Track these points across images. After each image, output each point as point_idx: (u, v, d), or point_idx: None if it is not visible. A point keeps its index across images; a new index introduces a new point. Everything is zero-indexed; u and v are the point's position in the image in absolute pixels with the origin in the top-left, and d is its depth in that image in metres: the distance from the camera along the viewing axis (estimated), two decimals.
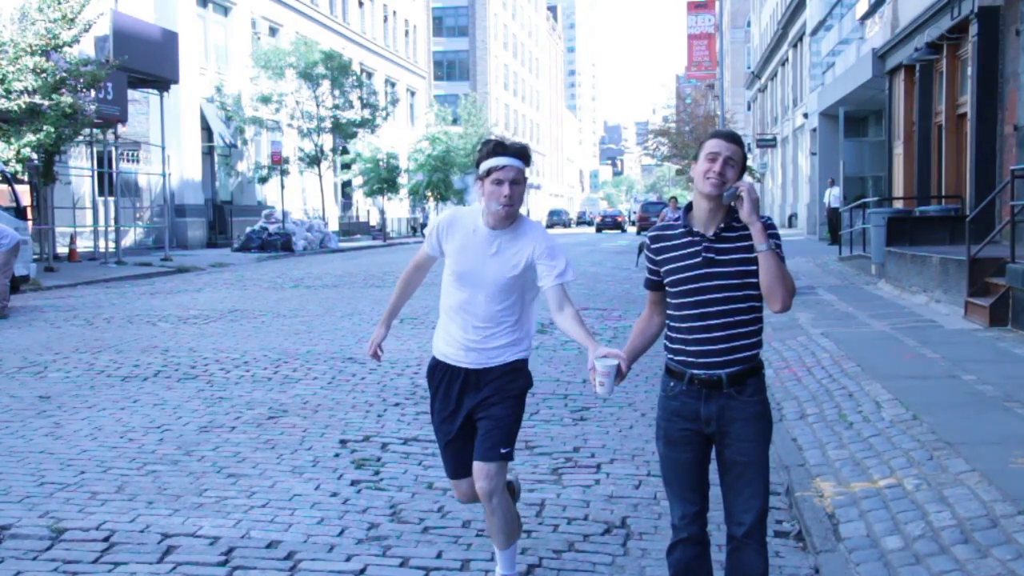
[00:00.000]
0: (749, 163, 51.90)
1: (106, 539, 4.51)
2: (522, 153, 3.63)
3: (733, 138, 3.16)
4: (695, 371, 3.15)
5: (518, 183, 3.59)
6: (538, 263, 3.67)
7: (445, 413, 3.83)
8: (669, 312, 3.24)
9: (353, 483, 5.40)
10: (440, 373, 3.84)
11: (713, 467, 3.28)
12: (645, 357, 3.63)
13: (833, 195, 26.48)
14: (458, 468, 3.88)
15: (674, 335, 3.22)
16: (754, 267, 3.08)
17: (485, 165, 3.60)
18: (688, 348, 3.16)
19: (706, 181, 3.09)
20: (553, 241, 3.73)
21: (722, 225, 3.12)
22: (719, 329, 3.11)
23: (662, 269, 3.22)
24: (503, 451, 3.71)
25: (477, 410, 3.76)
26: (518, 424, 3.79)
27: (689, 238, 3.16)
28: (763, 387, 3.21)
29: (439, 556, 4.30)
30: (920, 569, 3.93)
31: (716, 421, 3.15)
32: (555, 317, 3.71)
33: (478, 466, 3.73)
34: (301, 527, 4.67)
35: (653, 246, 3.27)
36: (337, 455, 5.97)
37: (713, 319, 3.11)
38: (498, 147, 3.61)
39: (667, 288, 3.22)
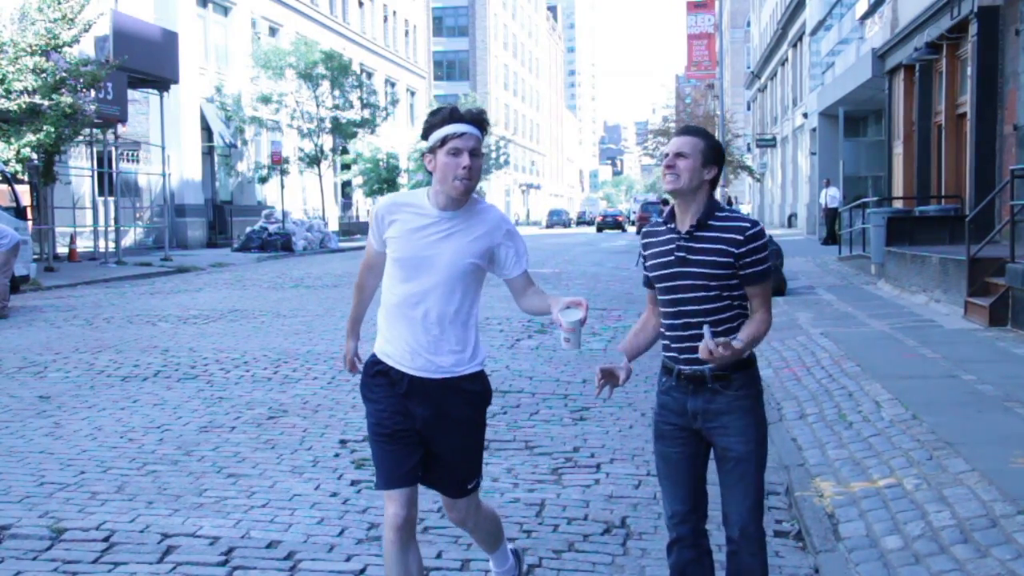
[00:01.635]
0: (748, 163, 52.14)
1: (106, 539, 4.51)
2: (480, 120, 3.18)
3: (686, 131, 3.17)
4: (681, 366, 3.17)
5: (477, 154, 3.13)
6: (500, 249, 3.27)
7: (388, 411, 3.27)
8: (659, 308, 3.25)
9: (353, 483, 5.40)
10: (380, 374, 3.30)
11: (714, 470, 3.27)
12: (645, 356, 3.63)
13: (830, 195, 26.42)
14: (393, 474, 3.25)
15: (663, 331, 3.24)
16: (728, 270, 3.06)
17: (439, 134, 3.13)
18: (673, 344, 3.18)
19: (664, 181, 3.16)
20: (512, 224, 3.37)
21: (694, 223, 3.10)
22: (697, 327, 3.09)
23: (648, 264, 3.25)
24: (470, 486, 3.39)
25: (433, 437, 3.28)
26: (482, 447, 3.44)
27: (669, 235, 3.17)
28: (752, 382, 3.17)
29: (439, 556, 4.30)
30: (920, 569, 3.94)
31: (702, 416, 3.15)
32: (520, 302, 3.37)
33: (447, 501, 3.46)
34: (301, 527, 4.67)
35: (643, 242, 3.30)
36: (337, 455, 5.97)
37: (690, 317, 3.11)
38: (454, 113, 3.15)
39: (655, 284, 3.23)
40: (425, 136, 3.19)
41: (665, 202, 27.12)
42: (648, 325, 3.39)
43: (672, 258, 3.13)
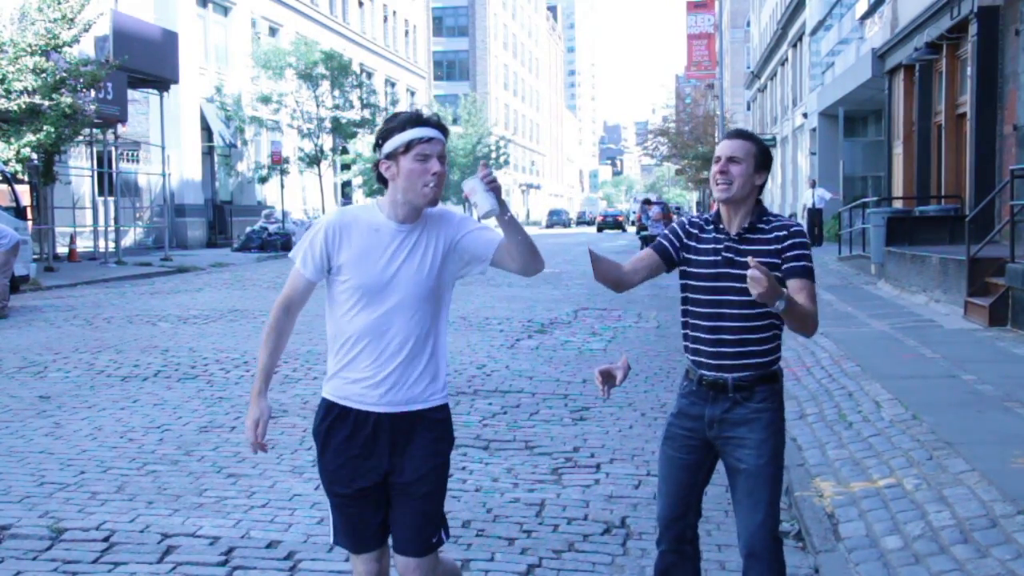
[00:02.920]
0: None
1: (106, 539, 4.51)
2: (444, 127, 2.92)
3: (739, 134, 3.12)
4: (704, 372, 3.13)
5: (443, 161, 2.87)
6: (463, 240, 2.94)
7: (348, 467, 2.94)
8: (687, 308, 3.19)
9: None
10: (338, 421, 2.97)
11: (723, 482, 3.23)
12: (646, 357, 3.64)
13: (817, 195, 26.19)
14: (361, 540, 2.97)
15: (691, 333, 3.19)
16: (774, 273, 2.99)
17: (403, 137, 2.83)
18: (702, 348, 3.14)
19: (716, 187, 3.08)
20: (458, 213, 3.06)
21: (746, 225, 3.08)
22: (732, 332, 3.07)
23: (686, 255, 3.18)
24: (434, 540, 2.96)
25: (394, 477, 2.93)
26: (445, 495, 3.02)
27: (715, 234, 3.14)
28: (774, 396, 3.13)
29: None
30: (920, 569, 3.93)
31: (718, 425, 3.12)
32: (513, 263, 2.93)
33: (407, 562, 2.93)
34: (301, 527, 4.67)
35: (690, 229, 3.21)
36: None
37: (727, 320, 3.07)
38: (419, 117, 2.87)
39: (686, 282, 3.18)
40: (380, 142, 2.88)
41: (648, 201, 26.82)
42: (620, 269, 3.21)
43: (719, 258, 3.09)
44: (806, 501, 4.91)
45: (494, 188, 2.79)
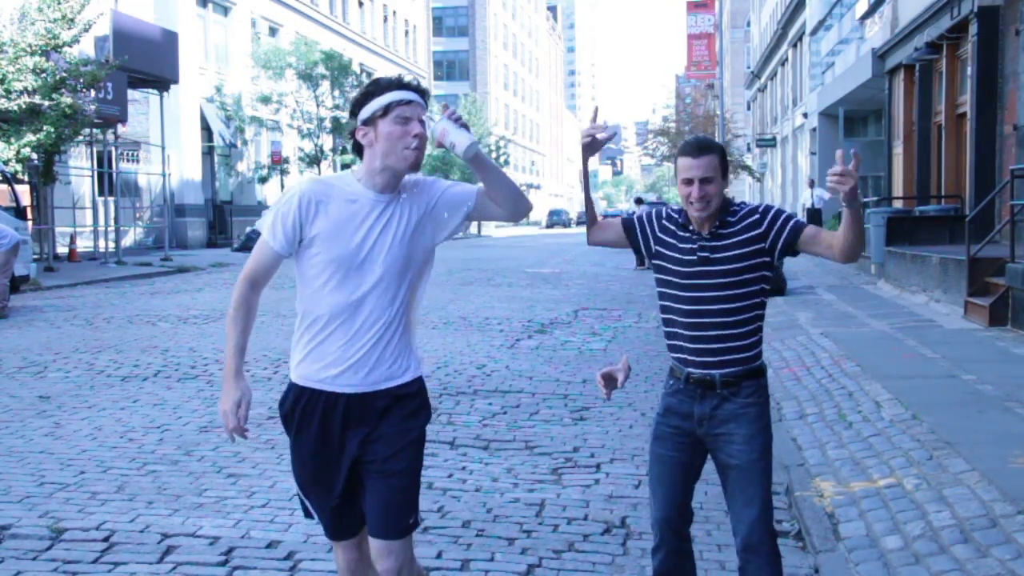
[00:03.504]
0: (748, 162, 52.14)
1: (106, 539, 4.51)
2: (425, 92, 2.80)
3: (700, 149, 3.05)
4: (691, 369, 3.14)
5: (424, 126, 2.74)
6: (440, 200, 2.85)
7: (322, 461, 2.85)
8: (667, 305, 3.19)
9: None
10: (309, 408, 2.85)
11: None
12: (646, 357, 3.64)
13: (816, 195, 26.15)
14: (341, 529, 2.95)
15: (672, 331, 3.20)
16: (749, 261, 3.05)
17: (380, 101, 2.70)
18: (685, 346, 3.15)
19: (691, 207, 3.06)
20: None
21: (717, 223, 3.09)
22: (713, 328, 3.08)
23: (660, 249, 3.18)
24: (411, 520, 2.85)
25: (367, 456, 2.82)
26: (420, 477, 2.91)
27: (687, 234, 3.14)
28: (761, 390, 3.15)
29: (439, 556, 4.30)
30: (920, 569, 3.93)
31: (708, 421, 3.12)
32: (495, 208, 2.88)
33: (381, 545, 2.81)
34: (301, 527, 4.66)
35: (661, 222, 3.21)
36: None
37: (707, 317, 3.08)
38: (399, 82, 2.75)
39: (662, 279, 3.18)
40: (357, 108, 2.75)
41: (640, 200, 26.78)
42: (597, 221, 3.36)
43: (694, 258, 3.09)
44: (806, 501, 4.91)
45: (464, 126, 2.75)
